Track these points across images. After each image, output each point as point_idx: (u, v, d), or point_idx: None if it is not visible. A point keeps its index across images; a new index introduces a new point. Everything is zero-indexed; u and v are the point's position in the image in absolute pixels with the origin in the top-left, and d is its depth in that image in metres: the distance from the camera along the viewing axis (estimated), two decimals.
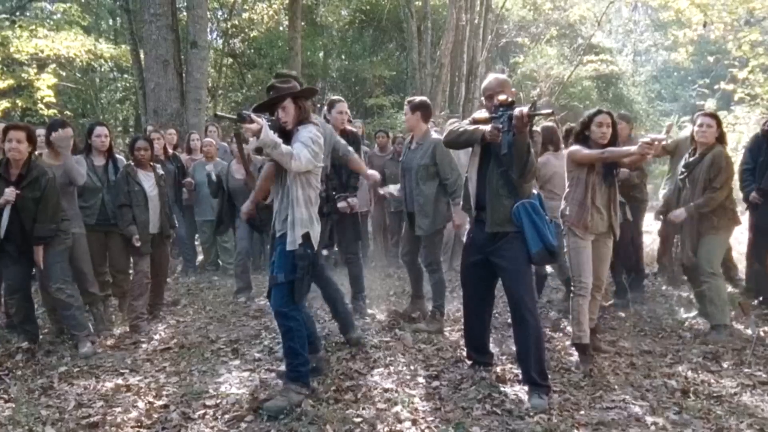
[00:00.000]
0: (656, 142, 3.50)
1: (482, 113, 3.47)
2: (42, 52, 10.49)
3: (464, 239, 3.80)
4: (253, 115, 3.04)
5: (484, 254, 3.46)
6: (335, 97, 5.16)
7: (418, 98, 4.84)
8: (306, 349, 3.31)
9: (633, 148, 3.56)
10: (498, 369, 3.77)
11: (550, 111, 3.38)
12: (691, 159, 4.55)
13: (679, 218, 4.50)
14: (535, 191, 3.46)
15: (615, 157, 3.70)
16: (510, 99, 3.19)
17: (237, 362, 3.95)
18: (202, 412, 3.14)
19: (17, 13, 15.41)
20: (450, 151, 4.36)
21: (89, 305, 4.85)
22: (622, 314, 5.14)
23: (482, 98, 3.62)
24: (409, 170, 4.57)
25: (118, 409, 3.17)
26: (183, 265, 7.12)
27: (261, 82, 15.88)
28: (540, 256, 3.27)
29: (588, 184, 3.77)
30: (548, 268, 5.51)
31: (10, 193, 3.95)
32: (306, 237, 3.23)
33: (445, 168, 4.45)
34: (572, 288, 3.85)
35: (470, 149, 3.55)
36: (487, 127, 3.24)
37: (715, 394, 3.44)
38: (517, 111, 3.06)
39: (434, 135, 4.58)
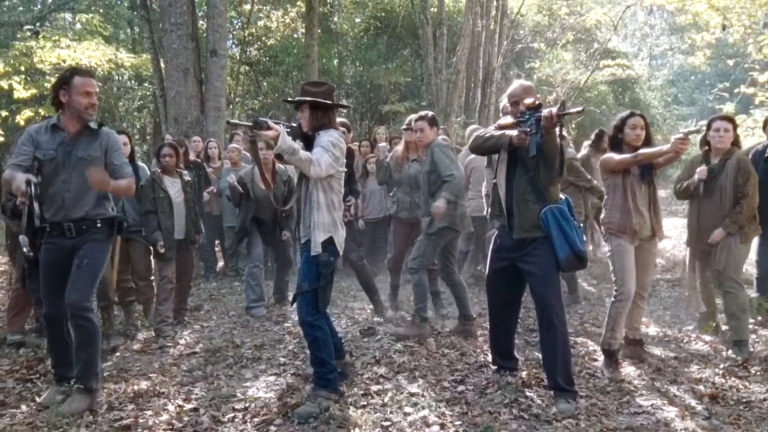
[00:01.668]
0: (689, 137, 3.48)
1: (507, 119, 3.48)
2: (64, 61, 10.68)
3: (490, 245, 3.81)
4: (270, 122, 3.04)
5: (512, 260, 3.47)
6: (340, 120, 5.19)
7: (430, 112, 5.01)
8: (333, 357, 3.33)
9: (666, 147, 3.54)
10: (523, 374, 3.77)
11: (580, 109, 3.37)
12: (711, 166, 4.35)
13: (720, 238, 4.25)
14: (562, 196, 3.46)
15: (649, 159, 3.67)
16: (537, 102, 3.21)
17: (263, 366, 3.99)
18: (232, 415, 3.17)
19: (38, 24, 15.76)
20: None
21: (102, 309, 4.93)
22: (645, 319, 5.12)
23: (507, 104, 3.64)
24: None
25: (149, 412, 3.21)
26: (204, 271, 7.19)
27: (277, 90, 16.03)
28: (568, 261, 3.26)
29: (626, 187, 3.75)
30: None
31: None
32: (329, 242, 3.25)
33: None
34: (614, 292, 3.81)
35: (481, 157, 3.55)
36: (514, 132, 3.25)
37: (744, 400, 3.41)
38: (545, 111, 3.08)
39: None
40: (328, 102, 3.34)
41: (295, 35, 16.81)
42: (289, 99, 3.49)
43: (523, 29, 17.78)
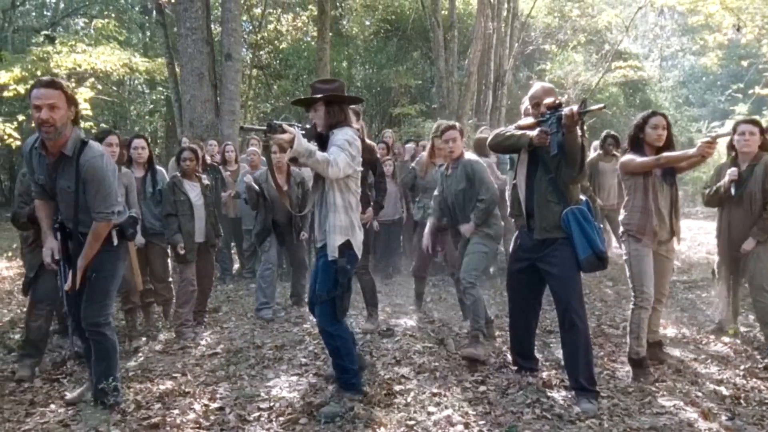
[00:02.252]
0: (717, 141, 3.47)
1: (528, 120, 3.51)
2: (80, 66, 10.82)
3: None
4: (284, 125, 2.97)
5: (532, 260, 3.49)
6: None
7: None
8: (355, 363, 3.35)
9: (691, 151, 3.53)
10: (543, 374, 3.79)
11: (601, 106, 3.39)
12: (741, 170, 4.33)
13: (751, 248, 4.26)
14: (582, 197, 3.48)
15: (672, 162, 3.65)
16: (557, 101, 3.24)
17: (284, 367, 4.03)
18: (257, 414, 3.22)
19: (50, 29, 15.97)
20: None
21: (126, 312, 5.01)
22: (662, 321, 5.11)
23: (528, 106, 3.66)
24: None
25: (176, 411, 3.26)
26: (220, 273, 7.25)
27: (288, 93, 16.11)
28: (589, 261, 3.28)
29: (647, 188, 3.71)
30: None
31: None
32: (347, 246, 3.20)
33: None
34: (633, 299, 3.78)
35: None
36: (534, 132, 3.28)
37: (766, 401, 3.41)
38: (566, 110, 3.11)
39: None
40: (344, 95, 3.31)
41: (306, 39, 16.91)
42: (302, 98, 3.36)
43: (534, 31, 17.77)
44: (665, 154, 3.65)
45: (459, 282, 4.83)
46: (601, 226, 3.55)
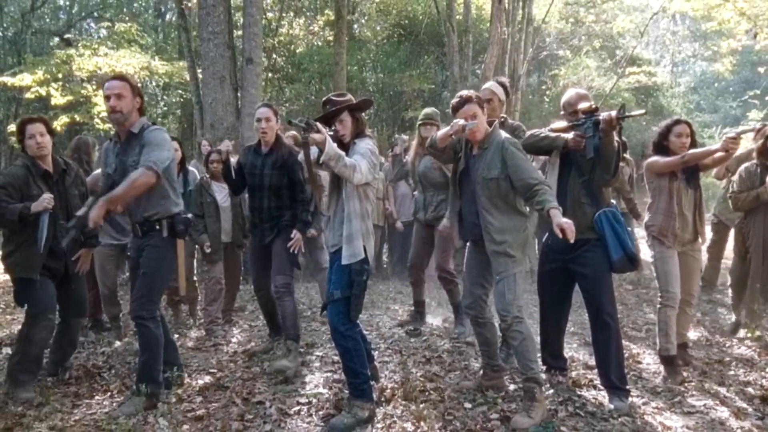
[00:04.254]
0: (741, 137, 3.54)
1: (561, 123, 3.59)
2: (100, 69, 10.99)
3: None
4: (319, 125, 3.02)
5: (563, 261, 3.55)
6: None
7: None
8: (366, 367, 3.24)
9: (715, 146, 3.60)
10: (573, 374, 3.86)
11: (642, 111, 3.43)
12: None
13: None
14: (613, 201, 3.55)
15: (697, 159, 3.70)
16: (593, 106, 3.32)
17: (317, 364, 4.12)
18: (297, 408, 3.30)
19: (64, 33, 16.17)
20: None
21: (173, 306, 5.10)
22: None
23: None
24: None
25: (217, 404, 3.35)
26: (243, 274, 7.34)
27: (301, 96, 16.25)
28: (621, 263, 3.35)
29: (672, 191, 3.79)
30: None
31: (49, 199, 3.50)
32: (363, 250, 3.18)
33: None
34: (660, 299, 3.86)
35: None
36: (570, 135, 3.36)
37: None
38: (605, 115, 3.18)
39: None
40: (363, 102, 3.41)
41: (318, 43, 17.04)
42: (327, 112, 3.28)
43: (548, 36, 17.85)
44: (690, 151, 3.71)
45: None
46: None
